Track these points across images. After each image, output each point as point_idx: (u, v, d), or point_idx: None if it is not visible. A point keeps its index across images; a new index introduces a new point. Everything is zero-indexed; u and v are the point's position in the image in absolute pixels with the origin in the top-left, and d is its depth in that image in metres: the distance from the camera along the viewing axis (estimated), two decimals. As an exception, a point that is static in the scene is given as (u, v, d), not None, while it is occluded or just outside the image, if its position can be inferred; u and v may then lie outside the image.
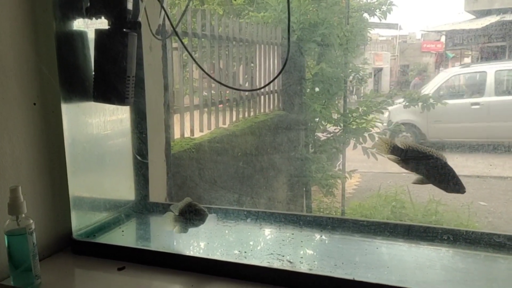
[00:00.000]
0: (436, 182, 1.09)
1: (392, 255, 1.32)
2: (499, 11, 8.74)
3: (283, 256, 1.28)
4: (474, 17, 9.63)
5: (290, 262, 1.25)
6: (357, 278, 1.08)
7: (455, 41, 10.45)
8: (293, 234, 1.41)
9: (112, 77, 1.31)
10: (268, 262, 1.23)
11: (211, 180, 3.00)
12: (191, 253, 1.29)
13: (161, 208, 1.56)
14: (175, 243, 1.41)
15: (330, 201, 5.20)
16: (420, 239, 1.26)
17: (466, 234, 1.18)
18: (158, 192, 1.73)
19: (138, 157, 1.50)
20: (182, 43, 1.60)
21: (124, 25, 1.33)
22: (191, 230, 1.34)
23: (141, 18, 1.46)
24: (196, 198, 1.37)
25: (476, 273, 1.18)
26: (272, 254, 1.29)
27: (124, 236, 1.41)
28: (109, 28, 1.32)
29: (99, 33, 1.32)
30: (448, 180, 1.08)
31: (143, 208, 1.55)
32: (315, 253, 1.33)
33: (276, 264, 1.22)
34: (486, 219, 5.39)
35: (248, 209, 1.42)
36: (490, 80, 6.26)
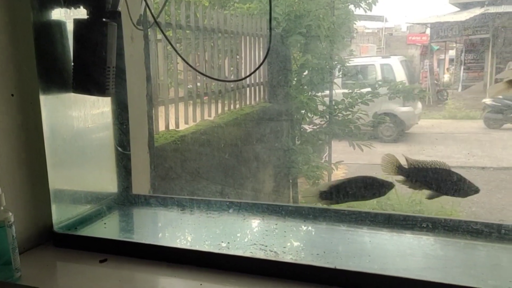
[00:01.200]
0: (449, 192, 1.10)
1: (375, 244, 1.33)
2: (482, 3, 8.83)
3: (266, 246, 1.28)
4: (459, 9, 9.71)
5: (274, 252, 1.25)
6: (338, 267, 1.09)
7: (440, 33, 10.54)
8: (276, 224, 1.41)
9: (92, 67, 1.29)
10: (251, 253, 1.23)
11: (196, 172, 2.99)
12: (174, 244, 1.29)
13: (143, 200, 1.55)
14: (159, 235, 1.41)
15: (316, 192, 5.24)
16: (400, 227, 1.27)
17: (445, 221, 1.20)
18: (141, 184, 1.72)
19: (119, 149, 1.49)
20: (163, 33, 1.58)
21: (103, 15, 1.31)
22: (174, 221, 1.34)
23: (121, 8, 1.44)
24: (178, 190, 1.36)
25: (456, 260, 1.20)
26: (255, 244, 1.29)
27: (106, 228, 1.40)
28: (88, 18, 1.30)
29: (77, 23, 1.30)
30: (459, 187, 1.09)
31: (125, 200, 1.54)
32: (298, 243, 1.33)
33: (259, 254, 1.23)
34: (469, 209, 5.47)
35: (231, 200, 1.42)
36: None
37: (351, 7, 5.63)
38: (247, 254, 1.22)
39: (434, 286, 0.98)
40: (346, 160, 6.13)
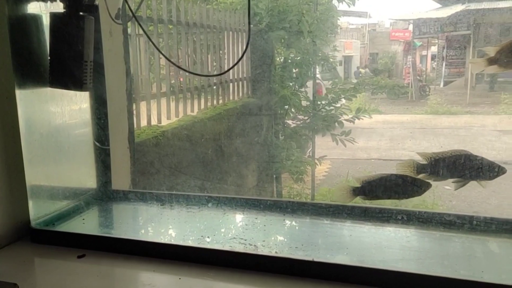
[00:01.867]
0: (474, 177, 1.08)
1: (353, 237, 1.35)
2: (464, 0, 8.95)
3: (246, 240, 1.29)
4: (440, 6, 9.84)
5: (253, 246, 1.26)
6: (316, 259, 1.10)
7: (422, 29, 10.66)
8: (256, 218, 1.42)
9: (68, 62, 1.28)
10: (231, 246, 1.24)
11: (177, 167, 2.98)
12: (153, 239, 1.29)
13: (122, 195, 1.54)
14: (138, 230, 1.41)
15: (300, 187, 5.28)
16: (376, 220, 1.29)
17: (419, 214, 1.22)
18: (121, 180, 1.71)
19: (97, 144, 1.48)
20: (142, 27, 1.57)
21: (80, 9, 1.30)
22: (155, 216, 1.33)
23: (99, 2, 1.43)
24: (160, 185, 1.36)
25: (431, 251, 1.23)
26: (235, 238, 1.30)
27: (85, 224, 1.39)
28: (64, 12, 1.29)
29: (53, 16, 1.28)
30: (483, 169, 1.07)
31: (104, 196, 1.53)
32: (277, 236, 1.35)
33: (239, 248, 1.23)
34: (450, 203, 5.58)
35: (209, 195, 1.43)
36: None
37: (335, 2, 5.66)
38: (227, 247, 1.22)
39: (407, 276, 1.00)
40: (330, 155, 6.18)
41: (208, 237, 1.31)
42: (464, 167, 1.07)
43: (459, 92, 9.91)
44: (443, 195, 5.60)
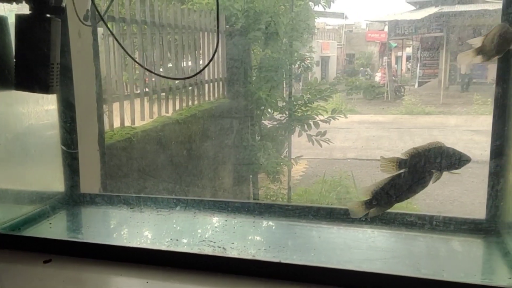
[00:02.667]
0: (449, 167, 1.10)
1: (322, 238, 1.37)
2: (437, 3, 9.14)
3: (214, 242, 1.29)
4: (415, 8, 10.02)
5: (222, 248, 1.27)
6: (283, 261, 1.12)
7: (397, 31, 10.84)
8: (226, 220, 1.43)
9: (34, 64, 1.26)
10: (199, 249, 1.24)
11: (151, 170, 2.96)
12: (120, 243, 1.28)
13: (89, 199, 1.53)
14: (107, 234, 1.40)
15: (277, 187, 5.30)
16: (342, 221, 1.32)
17: (382, 215, 1.25)
18: (91, 183, 1.69)
19: (63, 147, 1.46)
20: (108, 28, 1.56)
21: (46, 10, 1.28)
22: (124, 219, 1.33)
23: (66, 3, 1.41)
24: (132, 188, 1.35)
25: (395, 251, 1.25)
26: (204, 241, 1.30)
27: (52, 228, 1.38)
28: (30, 13, 1.27)
29: (19, 18, 1.27)
30: (455, 160, 1.10)
31: (72, 200, 1.52)
32: (246, 238, 1.36)
33: (207, 251, 1.24)
34: (423, 201, 5.69)
35: (178, 197, 1.43)
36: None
37: (311, 4, 5.70)
38: (195, 250, 1.23)
39: (371, 276, 1.02)
40: (307, 155, 6.23)
41: (177, 240, 1.31)
42: (440, 160, 1.11)
43: (433, 92, 10.12)
44: (416, 195, 5.69)
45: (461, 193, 5.79)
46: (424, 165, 1.10)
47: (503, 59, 1.15)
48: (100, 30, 2.32)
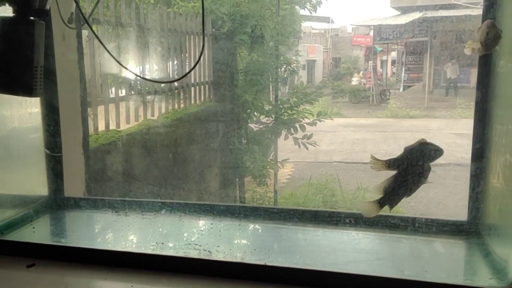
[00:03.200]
0: (428, 160, 1.13)
1: (308, 240, 1.38)
2: (421, 8, 9.28)
3: (200, 246, 1.29)
4: (399, 13, 10.15)
5: (207, 251, 1.27)
6: (268, 263, 1.12)
7: (382, 35, 10.97)
8: (212, 224, 1.43)
9: (18, 67, 1.25)
10: (185, 252, 1.24)
11: (136, 173, 2.94)
12: (104, 247, 1.27)
13: (73, 203, 1.52)
14: (91, 238, 1.39)
15: (263, 191, 5.31)
16: (327, 224, 1.33)
17: (366, 217, 1.27)
18: (75, 187, 1.68)
19: (47, 151, 1.45)
20: (92, 31, 1.55)
21: (30, 13, 1.27)
22: (108, 223, 1.32)
23: (51, 6, 1.40)
24: (117, 192, 1.34)
25: (380, 253, 1.27)
26: (189, 244, 1.30)
27: (35, 232, 1.36)
28: (13, 16, 1.26)
29: (2, 21, 1.25)
30: (433, 154, 1.13)
31: (54, 204, 1.50)
32: (232, 241, 1.36)
33: (193, 254, 1.24)
34: (408, 204, 5.74)
35: (163, 201, 1.42)
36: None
37: (297, 8, 5.74)
38: (180, 254, 1.22)
39: (355, 278, 1.03)
40: (293, 159, 6.26)
41: (162, 243, 1.31)
42: (424, 155, 1.14)
43: (417, 96, 10.25)
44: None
45: (445, 196, 5.86)
46: (418, 159, 1.14)
47: (482, 64, 1.18)
48: (86, 32, 2.31)
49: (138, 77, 3.43)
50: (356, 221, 1.27)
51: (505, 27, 1.09)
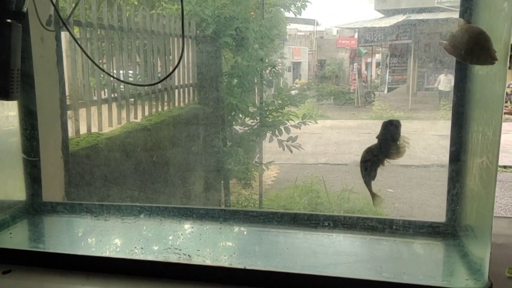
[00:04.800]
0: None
1: (288, 243, 1.38)
2: (405, 11, 9.39)
3: (180, 250, 1.29)
4: (383, 16, 10.27)
5: (187, 256, 1.26)
6: (248, 267, 1.12)
7: (367, 38, 11.07)
8: (192, 227, 1.42)
9: (-7, 70, 1.23)
10: (164, 257, 1.23)
11: (118, 177, 2.91)
12: (82, 252, 1.26)
13: (50, 208, 1.49)
14: (68, 243, 1.37)
15: (248, 193, 5.30)
16: (305, 226, 1.33)
17: (344, 219, 1.28)
18: (54, 191, 1.65)
19: (23, 155, 1.42)
20: (72, 34, 1.54)
21: (6, 15, 1.25)
22: (87, 228, 1.30)
23: (27, 8, 1.38)
24: (98, 196, 1.33)
25: (359, 255, 1.28)
26: (169, 248, 1.29)
27: (12, 238, 1.34)
28: (-11, 19, 1.24)
29: (-23, 23, 1.23)
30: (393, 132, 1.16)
31: (31, 209, 1.48)
32: (212, 245, 1.35)
33: (173, 258, 1.23)
34: (393, 205, 5.80)
35: (142, 205, 1.41)
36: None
37: (282, 10, 5.75)
38: (160, 258, 1.22)
39: (333, 280, 1.04)
40: (279, 160, 6.26)
41: (142, 248, 1.30)
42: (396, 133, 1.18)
43: (401, 98, 10.37)
44: (386, 198, 5.81)
45: (429, 197, 5.92)
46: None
47: (458, 69, 1.20)
48: (67, 34, 2.28)
49: (116, 80, 3.38)
50: (334, 224, 1.28)
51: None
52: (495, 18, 1.09)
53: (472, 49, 1.01)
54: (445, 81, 9.04)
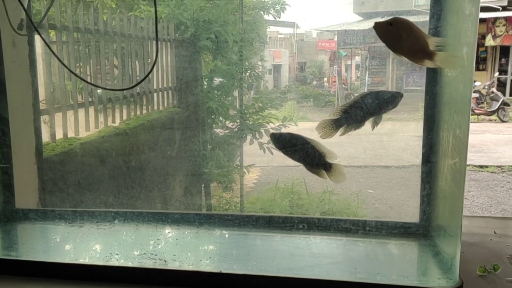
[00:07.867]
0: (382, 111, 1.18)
1: (265, 246, 1.38)
2: (383, 14, 9.54)
3: (156, 255, 1.28)
4: (362, 18, 10.41)
5: (163, 260, 1.25)
6: (224, 271, 1.12)
7: (346, 40, 11.19)
8: (168, 232, 1.42)
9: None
10: (140, 262, 1.23)
11: (94, 182, 2.87)
12: (57, 260, 1.24)
13: (22, 215, 1.46)
14: (42, 250, 1.34)
15: (229, 196, 5.29)
16: (280, 229, 1.34)
17: (318, 221, 1.29)
18: (28, 198, 1.62)
19: (-8, 162, 1.40)
20: (43, 38, 1.51)
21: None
22: (62, 235, 1.28)
23: (-2, 12, 1.36)
24: (72, 202, 1.31)
25: (335, 256, 1.29)
26: (145, 253, 1.29)
27: (-17, 246, 1.31)
28: (-44, 22, 1.22)
29: None
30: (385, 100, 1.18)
31: (3, 216, 1.45)
32: (188, 250, 1.35)
33: (148, 264, 1.22)
34: (373, 206, 5.86)
35: (116, 210, 1.40)
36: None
37: (261, 13, 5.77)
38: (135, 264, 1.21)
39: (306, 282, 1.05)
40: (259, 163, 6.27)
41: (117, 254, 1.28)
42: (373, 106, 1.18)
43: (381, 100, 10.48)
44: (366, 199, 5.88)
45: (408, 197, 5.99)
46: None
47: (429, 72, 1.22)
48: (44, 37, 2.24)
49: (90, 84, 3.33)
50: (309, 226, 1.29)
51: (447, 36, 1.14)
52: (463, 23, 1.11)
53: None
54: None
